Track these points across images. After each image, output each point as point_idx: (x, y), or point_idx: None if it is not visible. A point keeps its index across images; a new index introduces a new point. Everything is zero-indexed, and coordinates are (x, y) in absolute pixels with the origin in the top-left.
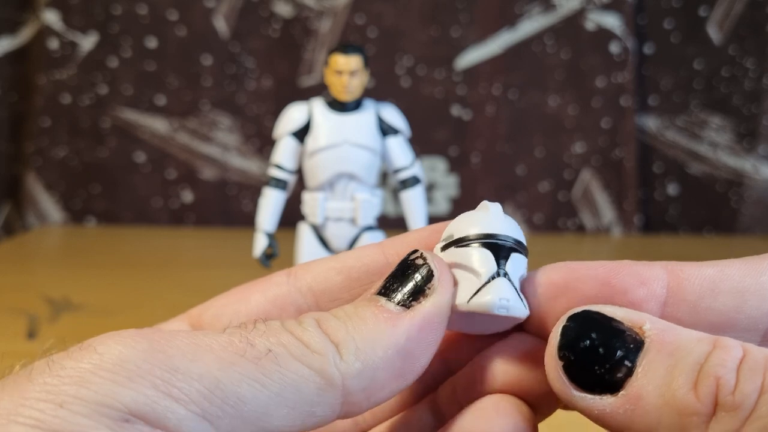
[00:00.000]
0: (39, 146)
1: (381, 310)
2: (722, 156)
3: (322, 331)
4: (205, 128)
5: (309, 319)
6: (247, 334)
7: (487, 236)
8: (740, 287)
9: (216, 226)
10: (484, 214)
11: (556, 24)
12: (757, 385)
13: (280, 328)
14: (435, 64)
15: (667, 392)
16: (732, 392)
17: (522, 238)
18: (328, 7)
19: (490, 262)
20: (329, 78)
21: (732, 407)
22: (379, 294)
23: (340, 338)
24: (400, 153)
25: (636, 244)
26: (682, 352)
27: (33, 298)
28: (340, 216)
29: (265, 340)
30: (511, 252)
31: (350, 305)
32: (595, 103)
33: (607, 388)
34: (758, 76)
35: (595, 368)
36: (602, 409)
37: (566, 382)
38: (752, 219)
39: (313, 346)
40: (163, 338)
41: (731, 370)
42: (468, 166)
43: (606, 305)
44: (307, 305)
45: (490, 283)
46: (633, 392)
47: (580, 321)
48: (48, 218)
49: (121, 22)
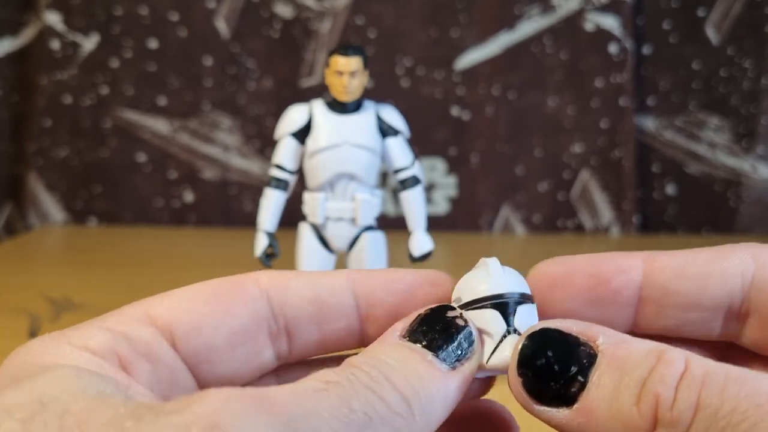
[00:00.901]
0: (40, 146)
1: (434, 369)
2: (721, 156)
3: (394, 388)
4: (206, 129)
5: (375, 370)
6: (343, 393)
7: (491, 297)
8: (704, 272)
9: (217, 225)
10: (484, 274)
11: (555, 25)
12: (693, 402)
13: (362, 386)
14: (434, 65)
15: (613, 406)
16: (670, 408)
17: (524, 287)
18: (328, 8)
19: (500, 322)
20: (329, 79)
21: (670, 423)
22: (417, 342)
23: (409, 396)
24: (399, 153)
25: (634, 244)
26: (629, 367)
27: (34, 298)
28: (341, 216)
29: (358, 402)
30: (517, 306)
31: (393, 352)
32: (594, 103)
33: (563, 401)
34: (757, 76)
35: (551, 384)
36: (559, 420)
37: (525, 396)
38: (751, 219)
39: (394, 407)
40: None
41: (670, 387)
42: (467, 167)
43: (564, 320)
44: (277, 330)
45: (502, 342)
46: (585, 405)
47: (537, 339)
48: (49, 218)
49: (122, 23)
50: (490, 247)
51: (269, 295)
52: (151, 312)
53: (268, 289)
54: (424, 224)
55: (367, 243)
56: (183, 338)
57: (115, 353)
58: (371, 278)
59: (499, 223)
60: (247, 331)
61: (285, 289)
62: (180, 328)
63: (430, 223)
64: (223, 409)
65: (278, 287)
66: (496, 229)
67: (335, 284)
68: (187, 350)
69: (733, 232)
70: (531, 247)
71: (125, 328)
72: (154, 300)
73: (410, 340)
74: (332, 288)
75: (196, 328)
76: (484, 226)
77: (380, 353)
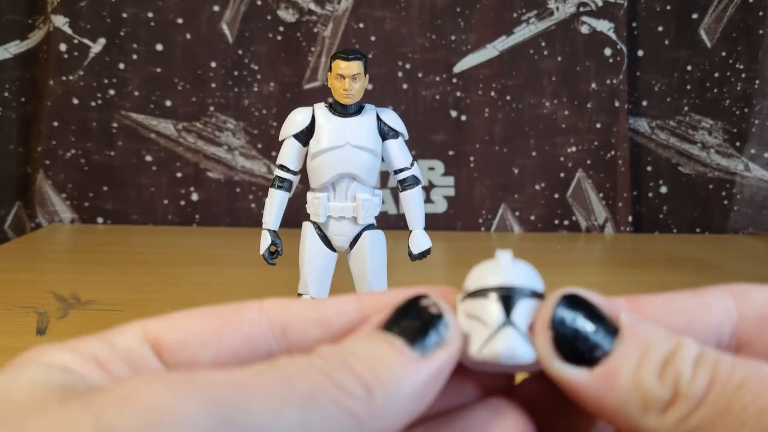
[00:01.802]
0: (48, 147)
1: (403, 356)
2: (714, 156)
3: (352, 373)
4: (211, 130)
5: (334, 356)
6: (287, 375)
7: (495, 288)
8: (687, 308)
9: (222, 224)
10: (494, 266)
11: (552, 28)
12: (708, 379)
13: (313, 369)
14: (433, 68)
15: (636, 376)
16: (689, 383)
17: (536, 283)
18: (330, 12)
19: (499, 313)
20: (331, 82)
21: (687, 396)
22: (389, 331)
23: (369, 381)
24: (399, 154)
25: (629, 243)
26: (652, 345)
27: (42, 295)
28: (342, 215)
29: (302, 383)
30: (521, 300)
31: (364, 341)
32: (590, 105)
33: (585, 362)
34: (749, 77)
35: (577, 344)
36: (579, 381)
37: (551, 351)
38: (743, 218)
39: (349, 389)
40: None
41: (690, 366)
42: (465, 167)
43: (590, 292)
44: (279, 350)
45: (497, 333)
46: (607, 370)
47: (571, 301)
48: (57, 217)
49: (129, 26)
50: (487, 245)
51: (270, 319)
52: (147, 326)
53: (269, 313)
54: (423, 223)
55: (368, 241)
56: (169, 350)
57: (95, 357)
58: (381, 299)
59: (496, 222)
60: (237, 353)
61: (288, 312)
62: (167, 340)
63: (429, 222)
64: (142, 385)
65: (281, 311)
66: (494, 228)
67: (342, 306)
68: (172, 362)
69: (726, 232)
70: (527, 245)
71: (114, 338)
72: (155, 317)
73: (384, 330)
74: (339, 309)
75: (181, 343)
76: (481, 225)
77: (349, 343)
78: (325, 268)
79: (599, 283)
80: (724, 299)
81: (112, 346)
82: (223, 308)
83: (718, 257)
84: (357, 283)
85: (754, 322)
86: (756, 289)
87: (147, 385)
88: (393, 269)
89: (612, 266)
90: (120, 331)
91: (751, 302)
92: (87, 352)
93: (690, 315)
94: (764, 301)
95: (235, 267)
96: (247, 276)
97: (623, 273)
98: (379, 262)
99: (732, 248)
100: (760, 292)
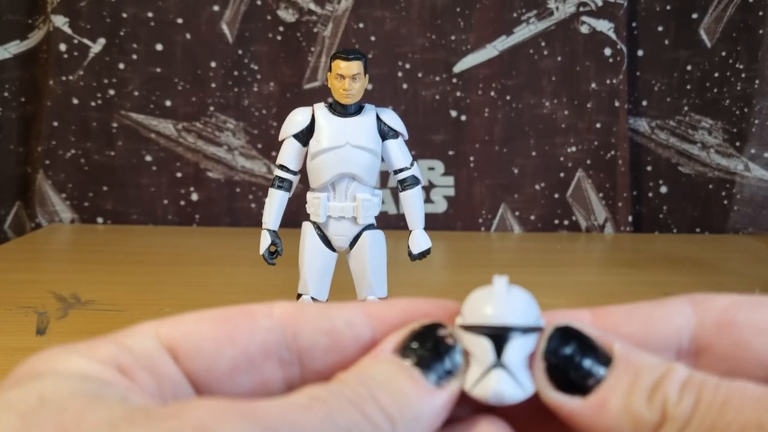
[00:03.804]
0: (48, 147)
1: (420, 386)
2: (714, 156)
3: (379, 406)
4: (211, 130)
5: (361, 387)
6: (327, 410)
7: (488, 327)
8: (648, 315)
9: (222, 224)
10: (489, 298)
11: (552, 28)
12: (694, 399)
13: (347, 402)
14: (433, 68)
15: (627, 401)
16: (676, 406)
17: (530, 316)
18: (330, 12)
19: (490, 353)
20: (331, 82)
21: (674, 418)
22: (406, 358)
23: (394, 415)
24: (399, 154)
25: (629, 243)
26: (642, 371)
27: (42, 296)
28: (342, 215)
29: (342, 418)
30: (513, 339)
31: (384, 368)
32: (590, 105)
33: (578, 390)
34: (749, 77)
35: (570, 373)
36: (572, 408)
37: (545, 380)
38: (743, 218)
39: (378, 424)
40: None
41: (677, 389)
42: (465, 167)
43: (585, 324)
44: (289, 359)
45: (488, 375)
46: (600, 398)
47: (564, 333)
48: (57, 217)
49: (129, 26)
50: (487, 245)
51: (283, 326)
52: (160, 330)
53: (281, 319)
54: (423, 223)
55: (368, 241)
56: (185, 357)
57: (118, 364)
58: (389, 310)
59: (496, 222)
60: (252, 360)
61: (299, 320)
62: (183, 346)
63: (429, 222)
64: (211, 416)
65: (292, 318)
66: (494, 228)
67: (351, 317)
68: (188, 368)
69: (725, 232)
70: (527, 245)
71: (130, 342)
72: (166, 319)
73: (401, 356)
74: (348, 320)
75: (198, 349)
76: (481, 225)
77: (369, 369)
78: (325, 268)
79: (599, 283)
80: (684, 307)
81: (131, 352)
82: (234, 312)
83: (718, 257)
84: (357, 283)
85: (712, 329)
86: (714, 297)
87: (217, 418)
88: (393, 269)
89: (612, 266)
90: (133, 335)
91: (709, 309)
92: (107, 359)
93: (650, 322)
94: (722, 309)
95: (235, 267)
96: (247, 276)
97: (623, 273)
98: (379, 262)
99: (732, 248)
100: (719, 300)
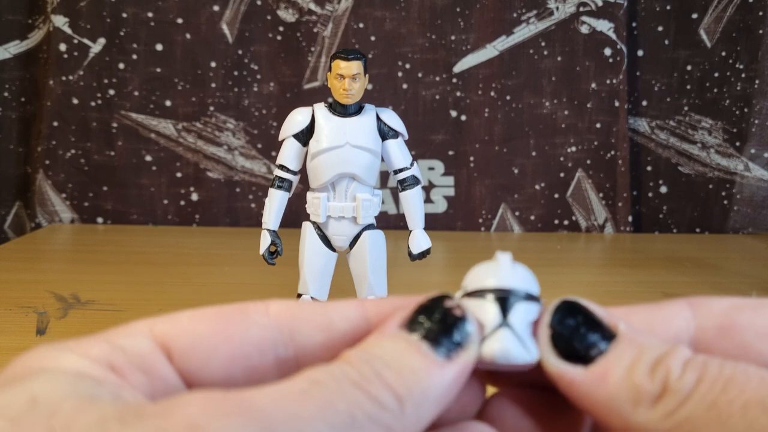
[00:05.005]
0: (48, 147)
1: (429, 360)
2: (714, 156)
3: (385, 385)
4: (211, 130)
5: (365, 365)
6: (327, 394)
7: (493, 289)
8: (646, 318)
9: (222, 224)
10: (494, 268)
11: (551, 28)
12: (697, 376)
13: (349, 383)
14: (433, 68)
15: (629, 373)
16: (678, 379)
17: (532, 286)
18: (330, 12)
19: (495, 314)
20: (331, 82)
21: (675, 390)
22: (414, 332)
23: (401, 392)
24: (399, 154)
25: (629, 243)
26: (646, 347)
27: (42, 295)
28: (342, 215)
29: (342, 402)
30: (518, 303)
31: (390, 344)
32: (589, 105)
33: (581, 360)
34: (749, 77)
35: (574, 342)
36: (573, 377)
37: (550, 348)
38: (743, 218)
39: (383, 403)
40: (257, 406)
41: (680, 364)
42: (465, 167)
43: (591, 302)
44: (286, 355)
45: (493, 334)
46: (601, 368)
47: (570, 306)
48: (57, 217)
49: (129, 26)
50: (487, 245)
51: (279, 323)
52: (155, 327)
53: (277, 317)
54: (422, 223)
55: (368, 241)
56: (179, 355)
57: (110, 362)
58: (386, 305)
59: (496, 221)
60: (247, 357)
61: (295, 317)
62: (177, 344)
63: (429, 222)
64: (203, 413)
65: (288, 315)
66: (493, 228)
67: (348, 312)
68: (182, 366)
69: (725, 231)
70: (527, 245)
71: (123, 341)
72: (161, 317)
73: (408, 330)
74: (345, 316)
75: (192, 346)
76: (481, 225)
77: (376, 346)
78: (325, 268)
79: (599, 283)
80: (683, 310)
81: (123, 351)
82: (229, 310)
83: (718, 257)
84: (357, 283)
85: (713, 332)
86: (713, 300)
87: (208, 414)
88: (393, 269)
89: (612, 266)
90: (127, 333)
91: (708, 312)
92: (99, 357)
93: (649, 325)
94: (721, 312)
95: (235, 267)
96: (247, 276)
97: (623, 273)
98: (379, 262)
99: (732, 248)
100: (718, 303)
